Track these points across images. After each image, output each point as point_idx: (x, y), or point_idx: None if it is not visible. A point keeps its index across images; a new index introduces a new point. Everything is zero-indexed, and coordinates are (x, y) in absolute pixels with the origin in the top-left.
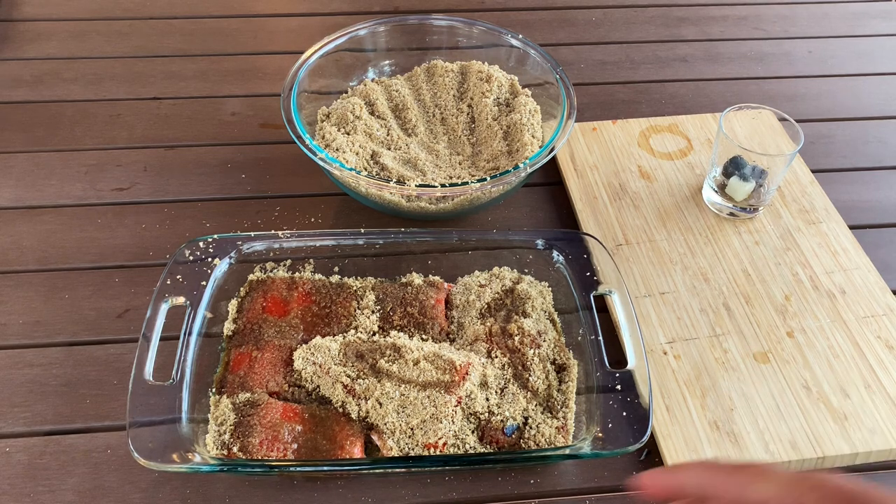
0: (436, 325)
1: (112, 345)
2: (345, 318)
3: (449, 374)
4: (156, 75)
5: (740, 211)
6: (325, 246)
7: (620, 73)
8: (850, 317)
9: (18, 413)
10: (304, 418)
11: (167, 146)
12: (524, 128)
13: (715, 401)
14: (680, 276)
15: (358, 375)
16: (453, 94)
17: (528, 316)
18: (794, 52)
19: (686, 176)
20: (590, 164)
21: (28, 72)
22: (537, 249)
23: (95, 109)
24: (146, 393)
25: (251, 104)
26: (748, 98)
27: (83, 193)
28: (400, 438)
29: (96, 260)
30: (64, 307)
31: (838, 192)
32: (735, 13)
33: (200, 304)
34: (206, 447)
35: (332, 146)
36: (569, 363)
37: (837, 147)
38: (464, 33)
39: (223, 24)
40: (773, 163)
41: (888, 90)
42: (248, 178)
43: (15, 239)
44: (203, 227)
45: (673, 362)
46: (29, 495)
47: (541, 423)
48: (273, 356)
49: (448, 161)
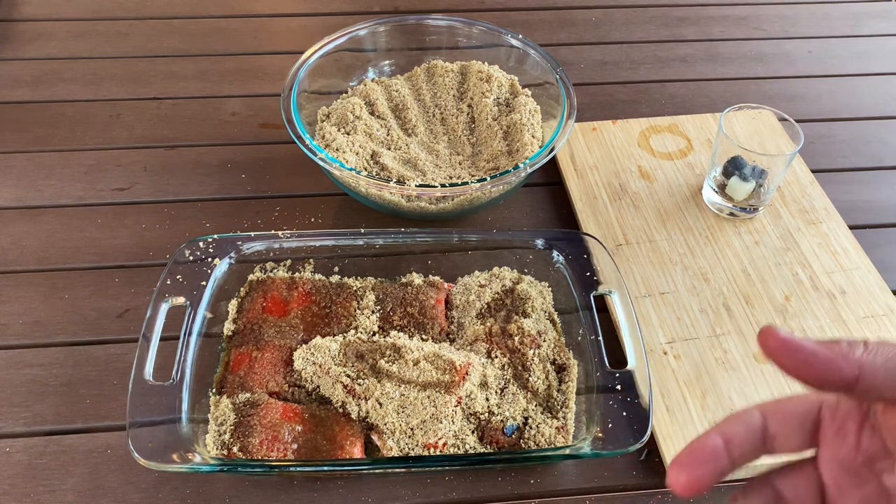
0: (436, 326)
1: (112, 345)
2: (345, 318)
3: (449, 375)
4: (156, 75)
5: (740, 211)
6: (325, 246)
7: (620, 73)
8: (850, 317)
9: (18, 413)
10: (304, 418)
11: (167, 146)
12: (524, 128)
13: (715, 401)
14: (680, 277)
15: (358, 375)
16: (453, 94)
17: (528, 316)
18: (794, 52)
19: (686, 176)
20: (590, 164)
21: (28, 72)
22: (537, 249)
23: (95, 109)
24: (146, 393)
25: (251, 104)
26: (748, 98)
27: (83, 193)
28: (400, 438)
29: (96, 260)
30: (64, 307)
31: (838, 192)
32: (735, 13)
33: (200, 304)
34: (206, 447)
35: (332, 146)
36: (569, 363)
37: (837, 147)
38: (464, 33)
39: (223, 24)
40: (773, 163)
41: (888, 90)
42: (248, 178)
43: (15, 239)
44: (203, 227)
45: (673, 362)
46: (29, 495)
47: (541, 423)
48: (273, 356)
49: (448, 161)
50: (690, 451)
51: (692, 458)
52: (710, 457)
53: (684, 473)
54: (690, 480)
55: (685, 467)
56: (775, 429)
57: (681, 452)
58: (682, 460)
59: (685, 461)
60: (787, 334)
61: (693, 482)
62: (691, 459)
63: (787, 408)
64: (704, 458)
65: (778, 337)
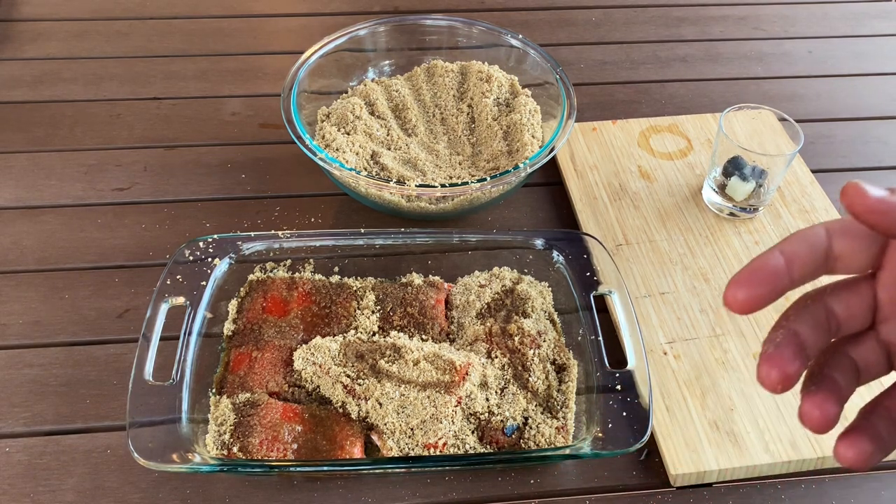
0: (436, 326)
1: (112, 345)
2: (345, 319)
3: (449, 375)
4: (156, 75)
5: (740, 211)
6: (325, 246)
7: (620, 73)
8: None
9: (18, 413)
10: (304, 418)
11: (167, 146)
12: (524, 128)
13: (715, 401)
14: (680, 277)
15: (358, 376)
16: (453, 94)
17: (528, 316)
18: (794, 52)
19: (686, 176)
20: (590, 165)
21: (28, 72)
22: (537, 249)
23: (95, 109)
24: (146, 393)
25: (251, 104)
26: (748, 98)
27: (83, 193)
28: (400, 438)
29: (96, 260)
30: (64, 307)
31: (838, 192)
32: (735, 13)
33: (200, 304)
34: (206, 447)
35: (332, 146)
36: (569, 363)
37: (837, 147)
38: (464, 33)
39: (223, 24)
40: (773, 163)
41: (888, 90)
42: (248, 178)
43: (15, 239)
44: (203, 227)
45: (673, 362)
46: (29, 495)
47: (541, 424)
48: (273, 356)
49: (448, 161)
50: (751, 270)
51: (752, 276)
52: (771, 276)
53: (742, 291)
54: (748, 299)
55: (743, 285)
56: (841, 248)
57: (741, 271)
58: (741, 279)
59: (744, 279)
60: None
61: (750, 300)
62: (751, 278)
63: (855, 226)
64: (764, 278)
65: (867, 197)
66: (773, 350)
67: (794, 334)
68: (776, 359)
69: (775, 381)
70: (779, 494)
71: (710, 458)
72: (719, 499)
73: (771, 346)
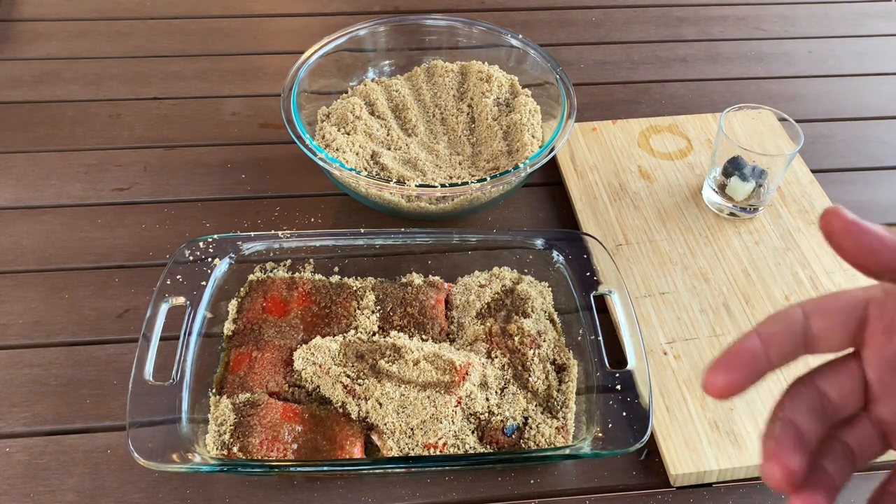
0: (436, 326)
1: (112, 345)
2: (345, 319)
3: (449, 375)
4: (156, 75)
5: (740, 211)
6: (325, 246)
7: (620, 73)
8: None
9: (18, 413)
10: (304, 418)
11: (167, 146)
12: (524, 128)
13: (715, 401)
14: (680, 277)
15: (358, 376)
16: (453, 94)
17: (528, 316)
18: (794, 52)
19: (686, 176)
20: (590, 165)
21: (28, 72)
22: (537, 249)
23: (95, 109)
24: (146, 393)
25: (251, 104)
26: (748, 98)
27: (83, 193)
28: (400, 438)
29: (96, 260)
30: (64, 307)
31: (838, 192)
32: (735, 13)
33: (200, 304)
34: (206, 447)
35: (332, 146)
36: (569, 363)
37: (837, 147)
38: (464, 33)
39: (223, 24)
40: (772, 163)
41: (888, 90)
42: (248, 178)
43: (15, 239)
44: (203, 227)
45: (673, 362)
46: (29, 495)
47: (541, 423)
48: (273, 356)
49: (448, 161)
50: (729, 355)
51: (730, 362)
52: (749, 361)
53: (721, 377)
54: (726, 384)
55: (721, 371)
56: (818, 327)
57: (719, 356)
58: (719, 364)
59: (722, 365)
60: (853, 216)
61: (729, 385)
62: (728, 363)
63: (831, 305)
64: (742, 363)
65: (843, 218)
66: (774, 446)
67: (791, 425)
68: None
69: (780, 480)
70: (778, 494)
71: (710, 458)
72: (719, 499)
73: (771, 442)
